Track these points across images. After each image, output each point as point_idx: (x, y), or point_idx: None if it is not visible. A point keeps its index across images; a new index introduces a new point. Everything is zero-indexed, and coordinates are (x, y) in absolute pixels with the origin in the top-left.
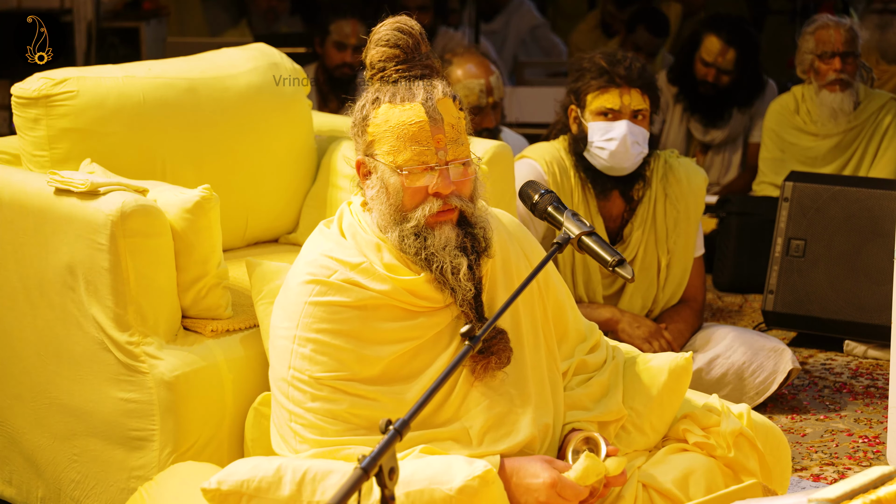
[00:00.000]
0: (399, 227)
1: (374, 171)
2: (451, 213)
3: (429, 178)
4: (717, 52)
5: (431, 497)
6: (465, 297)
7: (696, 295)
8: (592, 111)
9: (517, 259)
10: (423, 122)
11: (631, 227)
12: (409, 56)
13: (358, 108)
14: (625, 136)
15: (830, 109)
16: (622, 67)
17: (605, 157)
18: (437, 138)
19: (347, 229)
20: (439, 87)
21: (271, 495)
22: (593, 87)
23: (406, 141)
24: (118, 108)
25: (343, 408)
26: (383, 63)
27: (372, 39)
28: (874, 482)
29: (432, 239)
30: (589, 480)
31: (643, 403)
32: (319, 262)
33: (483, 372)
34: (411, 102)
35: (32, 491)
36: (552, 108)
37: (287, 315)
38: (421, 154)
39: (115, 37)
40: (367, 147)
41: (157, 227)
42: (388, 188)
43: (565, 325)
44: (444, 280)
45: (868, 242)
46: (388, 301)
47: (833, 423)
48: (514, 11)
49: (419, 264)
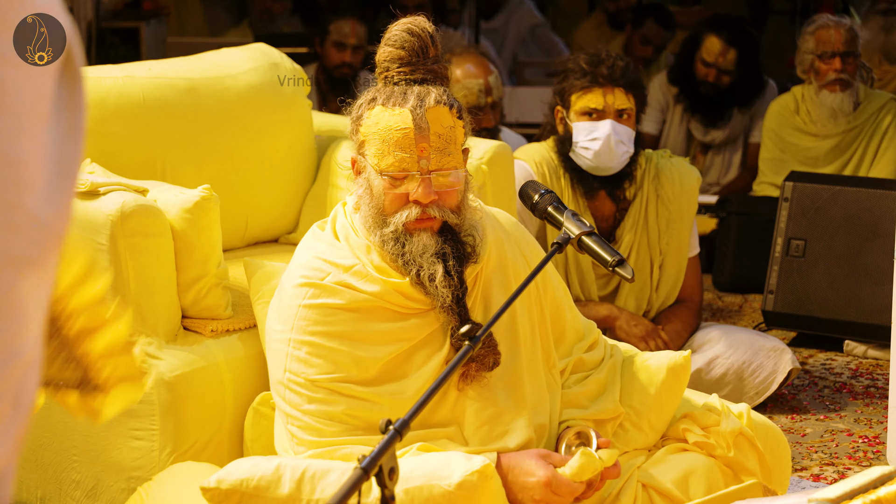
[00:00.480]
0: (380, 230)
1: (363, 170)
2: (430, 222)
3: (411, 185)
4: (717, 52)
5: (430, 493)
6: (444, 303)
7: (692, 295)
8: (577, 111)
9: (514, 259)
10: (409, 130)
11: (623, 228)
12: (414, 59)
13: (355, 106)
14: (608, 136)
15: (830, 109)
16: (605, 67)
17: (589, 157)
18: (421, 147)
19: (340, 231)
20: (433, 94)
21: (271, 494)
22: (577, 88)
23: (391, 146)
24: (118, 108)
25: (339, 409)
26: (388, 63)
27: (384, 38)
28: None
29: (410, 245)
30: (584, 477)
31: (641, 402)
32: (312, 265)
33: (466, 378)
34: (401, 108)
35: (32, 491)
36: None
37: (281, 318)
38: (402, 161)
39: (115, 37)
40: (359, 146)
41: (157, 227)
42: (372, 189)
43: (563, 324)
44: (423, 286)
45: (868, 242)
46: (380, 303)
47: (833, 423)
48: (514, 11)
49: (400, 268)
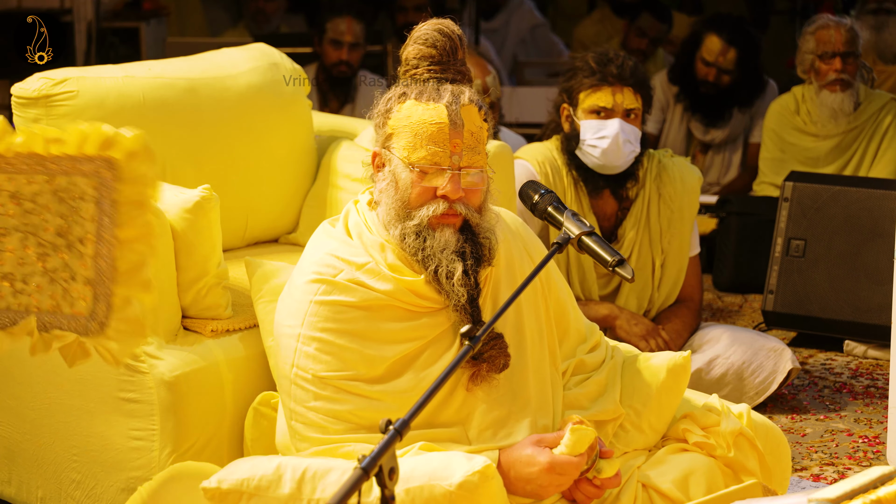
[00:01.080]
0: (402, 223)
1: (388, 163)
2: (454, 218)
3: (440, 180)
4: (717, 51)
5: (431, 493)
6: (459, 302)
7: (693, 294)
8: (585, 109)
9: (520, 258)
10: (444, 125)
11: (625, 227)
12: (445, 59)
13: (383, 100)
14: (617, 135)
15: (830, 110)
16: (614, 66)
17: (597, 155)
18: (455, 142)
19: (353, 228)
20: (467, 93)
21: (271, 493)
22: (585, 86)
23: (424, 139)
24: (118, 108)
25: (345, 408)
26: (417, 61)
27: (412, 36)
28: (874, 482)
29: (431, 240)
30: (581, 448)
31: (642, 402)
32: (325, 262)
33: (476, 379)
34: (436, 103)
35: (32, 491)
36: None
37: (292, 313)
38: (435, 154)
39: (115, 37)
40: (385, 139)
41: (157, 227)
42: (397, 182)
43: (566, 325)
44: (439, 282)
45: (868, 242)
46: (391, 301)
47: (833, 423)
48: (514, 11)
49: (418, 264)
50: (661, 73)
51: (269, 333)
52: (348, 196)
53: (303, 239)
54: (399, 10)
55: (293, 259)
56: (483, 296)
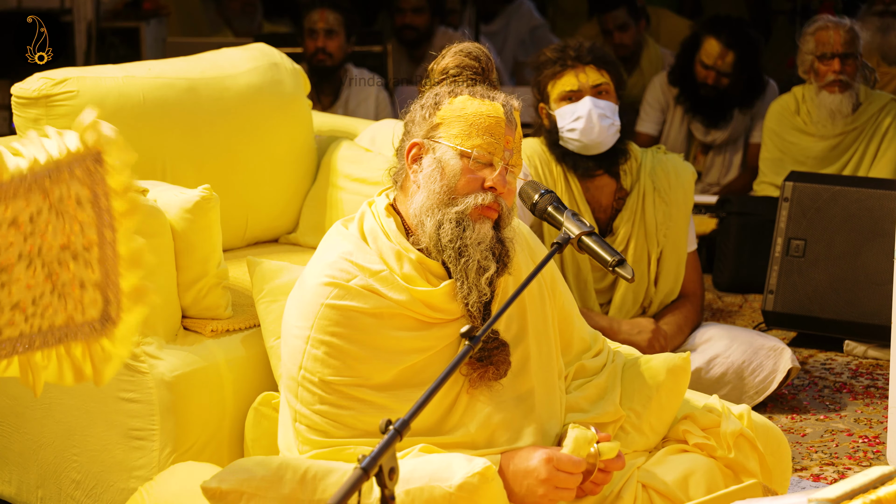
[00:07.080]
0: (443, 209)
1: (433, 151)
2: (495, 212)
3: (489, 172)
4: (716, 54)
5: (431, 494)
6: (480, 299)
7: (694, 289)
8: (555, 99)
9: (528, 267)
10: (501, 119)
11: (620, 220)
12: (484, 71)
13: (429, 95)
14: (590, 111)
15: (829, 111)
16: (571, 49)
17: (576, 136)
18: (508, 139)
19: (369, 233)
20: (514, 102)
21: (272, 493)
22: (549, 76)
23: (480, 129)
24: (118, 108)
25: (351, 413)
26: (459, 69)
27: (451, 49)
28: (874, 482)
29: (470, 231)
30: (582, 451)
31: (642, 404)
32: (339, 266)
33: (478, 381)
34: (492, 101)
35: (32, 491)
36: None
37: (302, 314)
38: (491, 145)
39: (115, 37)
40: (430, 129)
41: (157, 227)
42: (444, 168)
43: (570, 334)
44: (465, 278)
45: (868, 242)
46: (403, 311)
47: (833, 423)
48: (514, 12)
49: (446, 256)
50: (660, 75)
51: (271, 333)
52: (348, 196)
53: (303, 239)
54: (397, 12)
55: (293, 259)
56: (494, 302)
